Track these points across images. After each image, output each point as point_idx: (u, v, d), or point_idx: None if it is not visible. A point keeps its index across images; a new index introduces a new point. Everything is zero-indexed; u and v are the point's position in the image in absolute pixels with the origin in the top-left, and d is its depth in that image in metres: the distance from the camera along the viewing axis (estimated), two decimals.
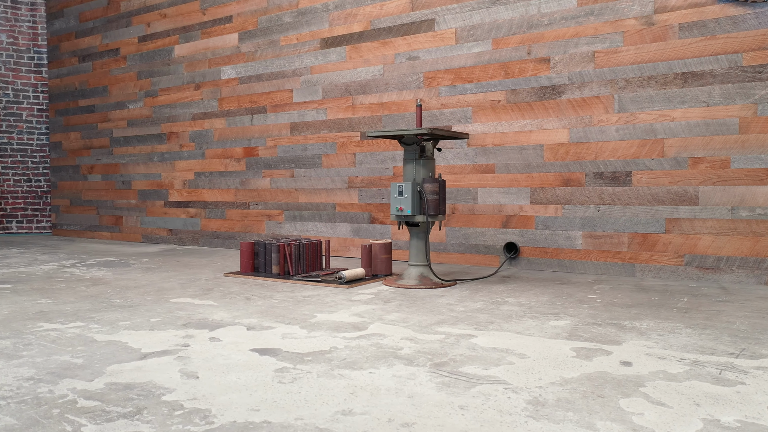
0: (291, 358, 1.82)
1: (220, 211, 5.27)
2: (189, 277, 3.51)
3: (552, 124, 3.65)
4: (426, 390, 1.52)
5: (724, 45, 3.15)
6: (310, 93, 4.67)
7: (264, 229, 4.99)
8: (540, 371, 1.67)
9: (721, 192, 3.18)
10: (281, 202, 4.88)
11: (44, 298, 2.83)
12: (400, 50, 4.21)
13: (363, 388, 1.54)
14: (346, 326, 2.23)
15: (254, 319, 2.35)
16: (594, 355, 1.84)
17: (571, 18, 3.57)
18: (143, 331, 2.16)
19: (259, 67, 4.95)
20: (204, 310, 2.55)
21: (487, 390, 1.52)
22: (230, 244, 5.19)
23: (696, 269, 3.26)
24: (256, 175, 5.02)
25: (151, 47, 5.70)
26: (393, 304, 2.67)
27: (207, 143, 5.33)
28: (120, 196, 6.06)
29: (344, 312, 2.50)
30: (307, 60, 4.67)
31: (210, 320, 2.34)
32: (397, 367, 1.71)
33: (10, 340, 2.04)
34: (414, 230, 3.21)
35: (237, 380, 1.61)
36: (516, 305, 2.62)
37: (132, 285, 3.21)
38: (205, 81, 5.31)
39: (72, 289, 3.09)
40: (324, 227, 4.64)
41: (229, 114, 5.17)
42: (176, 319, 2.37)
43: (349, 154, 4.49)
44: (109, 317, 2.39)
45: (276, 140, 4.89)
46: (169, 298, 2.83)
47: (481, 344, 1.97)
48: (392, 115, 4.26)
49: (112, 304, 2.68)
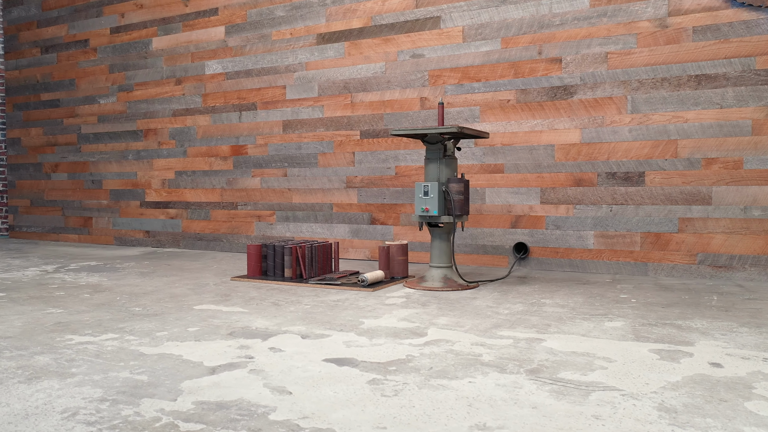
0: (374, 368, 1.71)
1: (204, 211, 5.04)
2: (194, 281, 3.32)
3: (563, 124, 3.66)
4: (543, 399, 1.45)
5: (737, 48, 3.23)
6: (305, 90, 4.52)
7: (253, 230, 4.80)
8: (639, 375, 1.63)
9: (734, 192, 3.26)
10: (272, 203, 4.71)
11: (51, 307, 2.60)
12: (404, 47, 4.13)
13: (476, 399, 1.46)
14: (404, 332, 2.14)
15: (301, 327, 2.22)
16: (677, 356, 1.81)
17: (583, 19, 3.58)
18: (190, 342, 2.00)
19: (249, 62, 4.76)
20: (238, 317, 2.39)
21: (605, 397, 1.46)
22: (216, 246, 4.97)
23: (709, 268, 3.33)
24: (245, 175, 4.83)
25: (126, 39, 5.40)
26: (432, 307, 2.59)
27: (189, 141, 5.09)
28: (89, 196, 5.71)
29: (390, 317, 2.40)
30: (301, 56, 4.52)
31: (254, 328, 2.20)
32: (493, 376, 1.64)
33: (47, 355, 1.84)
34: (437, 231, 3.14)
35: (334, 394, 1.49)
36: (556, 306, 2.59)
37: (139, 291, 3.00)
38: (187, 76, 5.07)
39: (75, 296, 2.85)
40: (320, 228, 4.51)
41: (214, 110, 4.95)
42: (216, 328, 2.21)
43: (348, 153, 4.37)
44: (140, 328, 2.21)
45: (267, 138, 4.71)
46: (190, 305, 2.65)
47: (557, 348, 1.92)
48: (395, 114, 4.18)
49: (132, 312, 2.49)
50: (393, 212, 4.22)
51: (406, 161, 4.15)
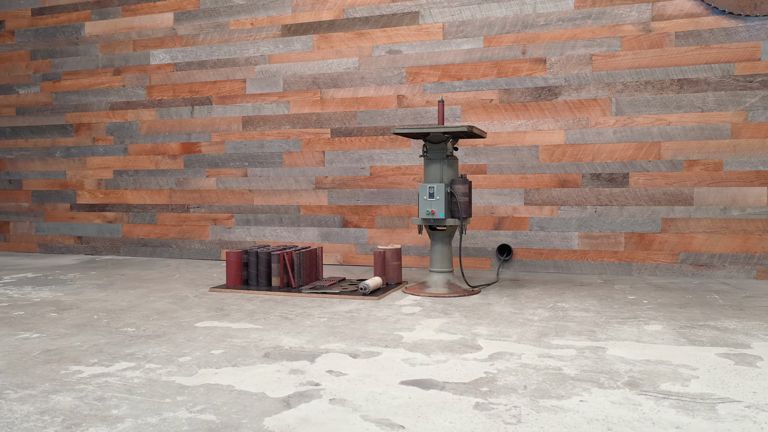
0: (465, 390, 1.55)
1: (149, 215, 4.60)
2: (168, 294, 2.97)
3: (548, 125, 3.64)
4: (678, 417, 1.36)
5: (717, 54, 3.35)
6: (268, 84, 4.23)
7: (208, 235, 4.43)
8: (738, 384, 1.58)
9: (715, 193, 3.38)
10: (231, 205, 4.37)
11: (21, 331, 2.20)
12: (379, 43, 3.96)
13: (607, 420, 1.33)
14: (456, 346, 1.99)
15: (339, 344, 2.01)
16: (749, 360, 1.79)
17: (568, 20, 3.58)
18: (227, 369, 1.73)
19: (202, 52, 4.39)
20: (258, 335, 2.13)
21: (733, 411, 1.39)
22: (164, 252, 4.55)
23: (690, 266, 3.43)
24: (198, 174, 4.45)
25: (52, 23, 4.82)
26: (457, 316, 2.45)
27: (131, 137, 4.63)
28: (5, 197, 5.06)
29: (423, 329, 2.23)
30: (264, 48, 4.23)
31: (287, 348, 1.96)
32: (596, 392, 1.53)
33: (65, 394, 1.51)
34: (439, 235, 3.00)
35: (452, 425, 1.31)
36: (579, 311, 2.54)
37: (113, 308, 2.63)
38: (128, 65, 4.60)
39: (41, 316, 2.45)
40: (286, 232, 4.23)
41: (161, 104, 4.53)
42: (243, 349, 1.95)
43: (317, 152, 4.13)
44: (153, 353, 1.90)
45: (224, 135, 4.37)
46: (189, 322, 2.35)
47: (627, 357, 1.84)
48: (369, 112, 4.00)
49: (127, 334, 2.15)
50: (367, 214, 4.03)
51: (382, 161, 3.98)
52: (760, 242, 3.32)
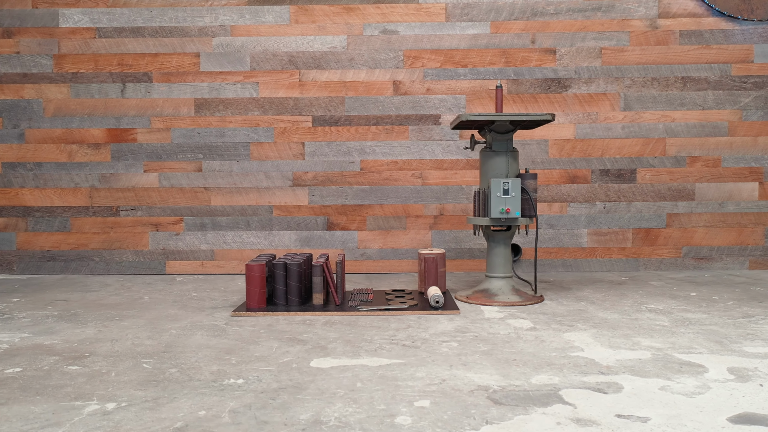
0: None
1: (58, 220, 3.59)
2: (182, 324, 2.26)
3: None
4: None
5: (717, 55, 3.47)
6: (230, 61, 3.53)
7: (147, 243, 3.58)
8: None
9: (714, 188, 3.51)
10: (179, 206, 3.58)
11: (78, 400, 1.44)
12: (371, 21, 3.50)
13: None
14: (659, 364, 1.70)
15: (554, 377, 1.61)
16: None
17: (578, 11, 3.47)
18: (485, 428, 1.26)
19: (138, 17, 3.53)
20: (422, 373, 1.64)
21: None
22: (82, 268, 3.58)
23: (692, 260, 3.53)
24: (133, 169, 3.57)
25: None
26: (580, 326, 2.17)
27: (31, 120, 3.57)
28: None
29: (588, 346, 1.91)
30: (225, 17, 3.51)
31: (496, 388, 1.51)
32: None
33: None
34: (500, 236, 2.69)
35: None
36: (652, 312, 2.40)
37: (148, 351, 1.90)
38: (26, 26, 3.54)
39: (61, 373, 1.66)
40: (254, 237, 3.57)
41: (77, 79, 3.55)
42: (448, 397, 1.46)
43: (295, 143, 3.54)
44: (327, 414, 1.34)
45: (170, 121, 3.55)
46: (288, 362, 1.75)
47: None
48: (360, 98, 3.52)
49: (248, 389, 1.52)
50: (357, 215, 3.55)
51: (375, 155, 3.53)
52: (752, 235, 3.51)
